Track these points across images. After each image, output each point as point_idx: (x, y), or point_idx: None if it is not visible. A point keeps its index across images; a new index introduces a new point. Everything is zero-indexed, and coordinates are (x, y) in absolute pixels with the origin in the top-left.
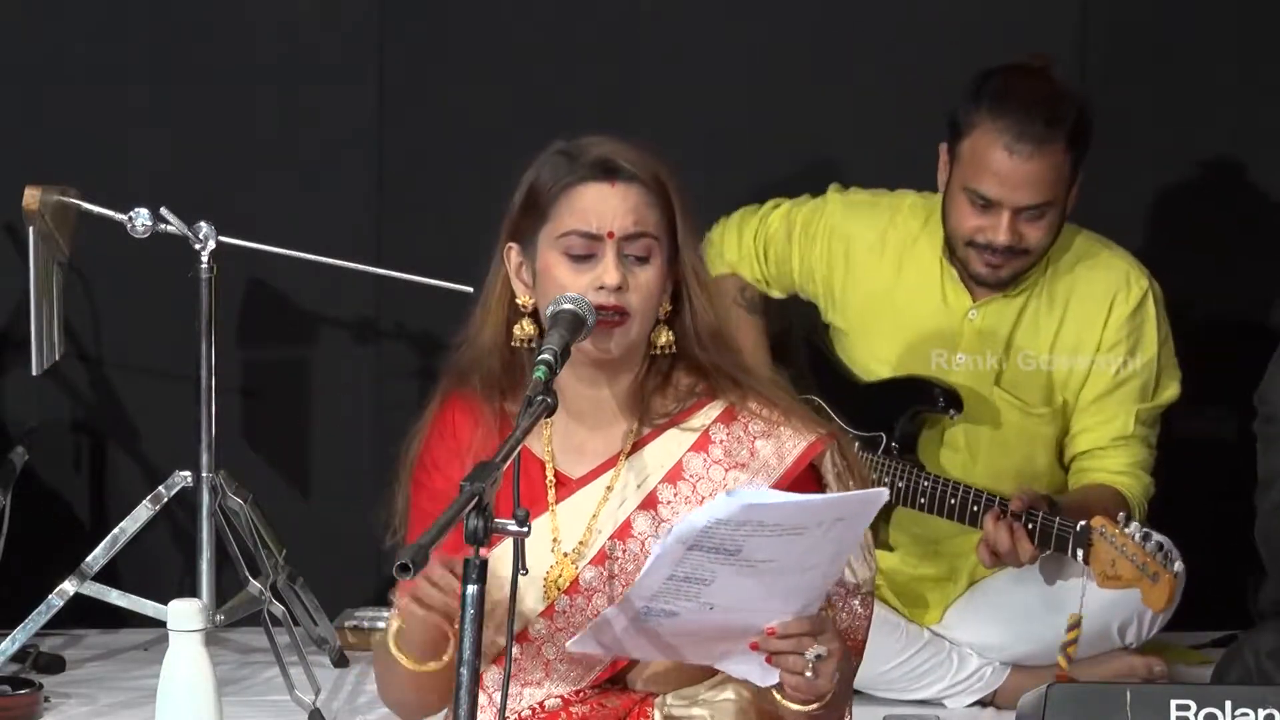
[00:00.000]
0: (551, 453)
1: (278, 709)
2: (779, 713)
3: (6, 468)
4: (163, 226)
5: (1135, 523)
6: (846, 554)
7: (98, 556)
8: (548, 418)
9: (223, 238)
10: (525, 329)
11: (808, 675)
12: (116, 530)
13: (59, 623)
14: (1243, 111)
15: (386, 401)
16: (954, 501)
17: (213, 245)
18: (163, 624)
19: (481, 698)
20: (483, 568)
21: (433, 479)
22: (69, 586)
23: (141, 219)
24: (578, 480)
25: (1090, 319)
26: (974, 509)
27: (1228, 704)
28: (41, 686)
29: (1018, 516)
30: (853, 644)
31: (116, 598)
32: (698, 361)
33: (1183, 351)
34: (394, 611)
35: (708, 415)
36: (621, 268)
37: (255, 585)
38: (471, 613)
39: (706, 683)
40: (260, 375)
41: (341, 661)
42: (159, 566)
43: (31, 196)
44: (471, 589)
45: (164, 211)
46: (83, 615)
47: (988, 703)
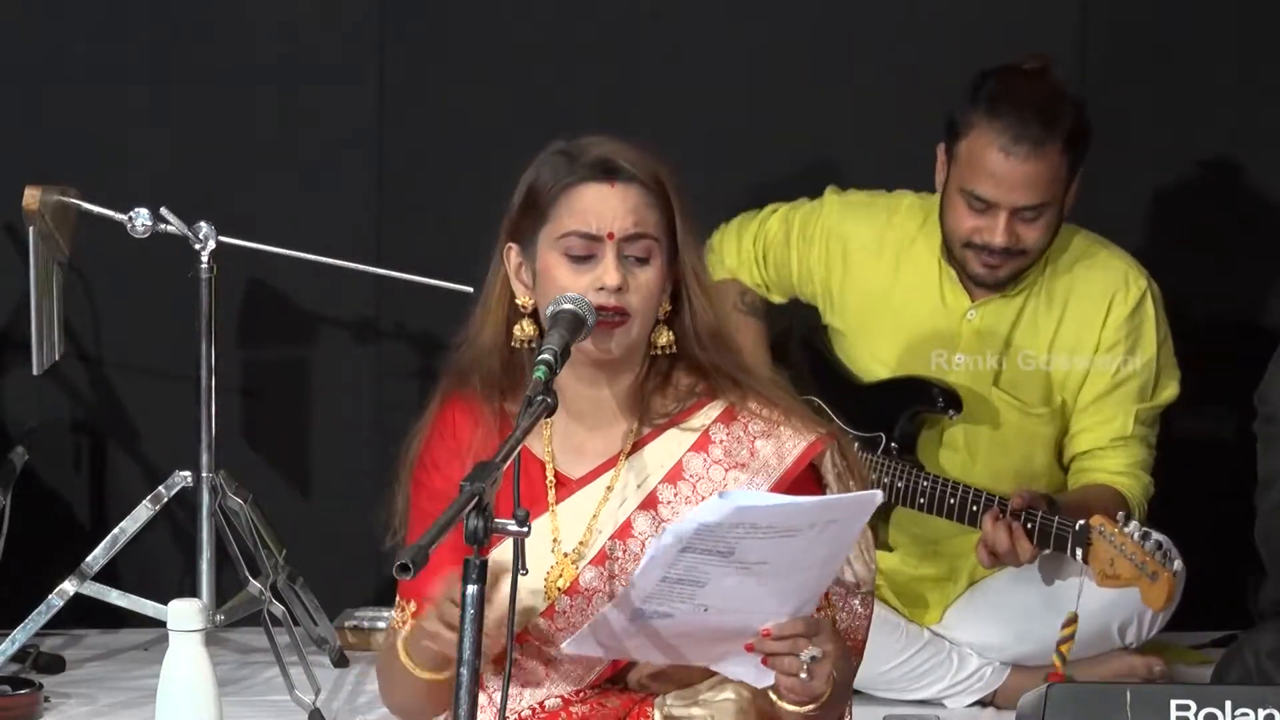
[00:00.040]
0: (551, 453)
1: (278, 709)
2: (777, 713)
3: (6, 468)
4: (163, 226)
5: (1134, 522)
6: (842, 556)
7: (98, 556)
8: (548, 418)
9: (223, 238)
10: (525, 329)
11: (802, 676)
12: (116, 530)
13: (59, 623)
14: (1243, 111)
15: (386, 401)
16: (953, 501)
17: (213, 245)
18: (163, 624)
19: (481, 698)
20: (482, 568)
21: (433, 479)
22: (69, 586)
23: (141, 219)
24: (578, 480)
25: (1089, 319)
26: (973, 508)
27: (1228, 704)
28: (41, 686)
29: (1016, 515)
30: (853, 644)
31: (116, 598)
32: (698, 361)
33: (1182, 352)
34: (397, 615)
35: (708, 415)
36: (621, 269)
37: (255, 585)
38: (471, 613)
39: (706, 683)
40: (260, 375)
41: (341, 661)
42: (159, 566)
43: (31, 196)
44: (471, 589)
45: (164, 211)
46: (83, 615)
47: (988, 703)
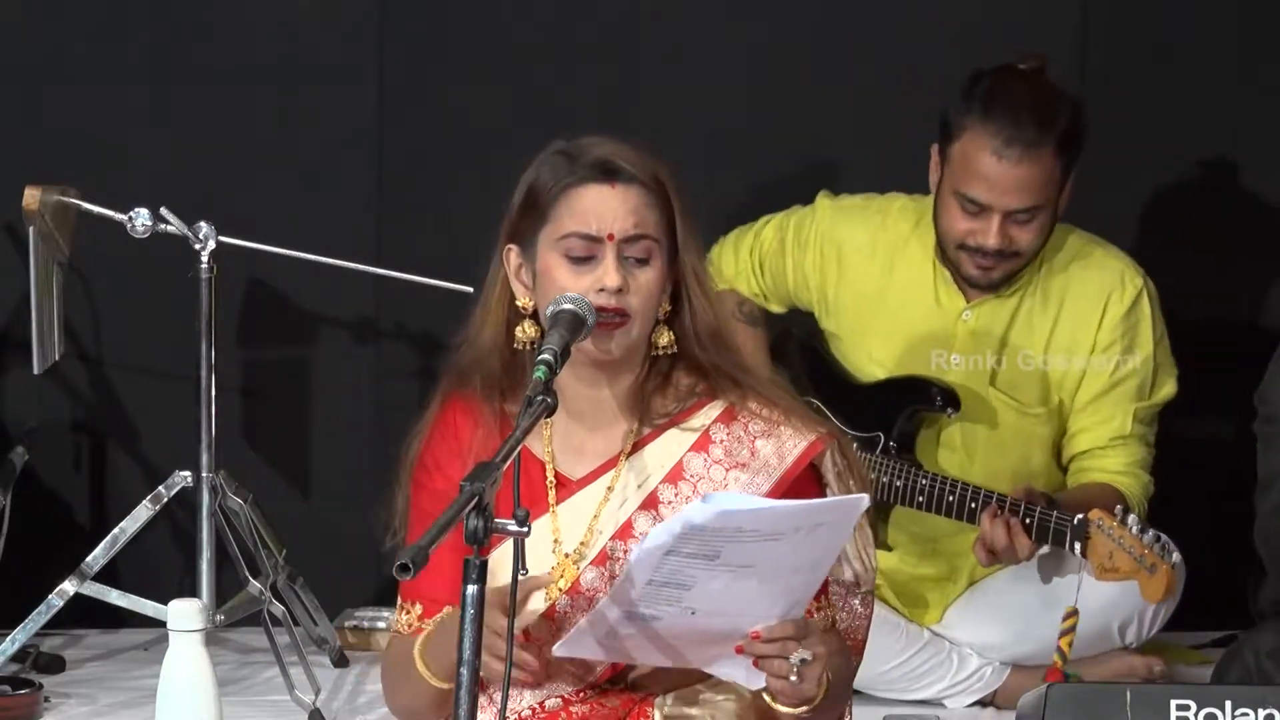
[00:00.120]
0: (552, 453)
1: (278, 709)
2: (775, 714)
3: (6, 468)
4: (163, 226)
5: (1133, 515)
6: (832, 559)
7: (98, 556)
8: (548, 418)
9: (223, 238)
10: (527, 331)
11: (792, 679)
12: (116, 530)
13: (59, 623)
14: (1243, 111)
15: (386, 401)
16: (952, 499)
17: (213, 245)
18: (163, 624)
19: (481, 698)
20: (482, 568)
21: (433, 479)
22: (69, 586)
23: (141, 219)
24: (578, 481)
25: (1085, 319)
26: (972, 506)
27: (1228, 704)
28: (41, 686)
29: (1015, 508)
30: (853, 643)
31: (116, 598)
32: (698, 362)
33: (1181, 351)
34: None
35: (708, 415)
36: (622, 270)
37: (255, 585)
38: (471, 613)
39: (706, 683)
40: (260, 375)
41: (341, 661)
42: (159, 566)
43: (31, 196)
44: (471, 589)
45: (164, 211)
46: (83, 615)
47: (988, 703)
